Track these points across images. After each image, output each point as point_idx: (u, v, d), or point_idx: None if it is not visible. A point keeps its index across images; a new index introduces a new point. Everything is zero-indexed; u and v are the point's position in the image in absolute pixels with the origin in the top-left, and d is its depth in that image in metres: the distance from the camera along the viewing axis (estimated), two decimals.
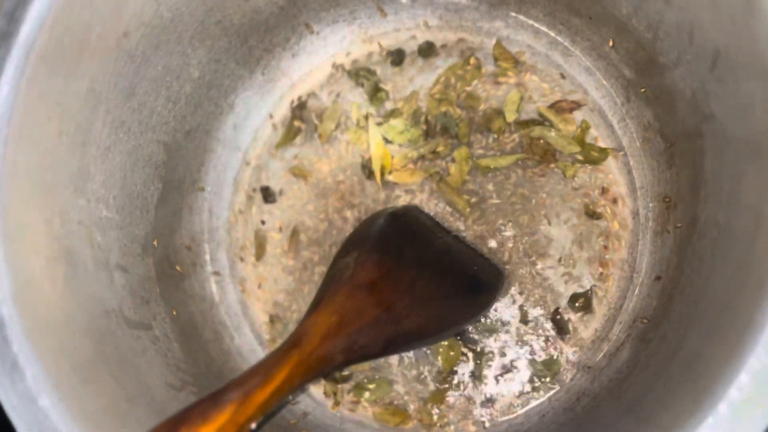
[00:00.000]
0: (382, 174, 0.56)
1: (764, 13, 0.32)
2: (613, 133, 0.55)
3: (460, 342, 0.52)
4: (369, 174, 0.56)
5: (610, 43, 0.52)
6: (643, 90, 0.51)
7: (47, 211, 0.40)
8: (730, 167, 0.39)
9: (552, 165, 0.54)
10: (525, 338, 0.52)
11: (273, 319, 0.56)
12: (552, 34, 0.56)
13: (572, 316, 0.52)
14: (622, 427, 0.42)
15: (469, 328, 0.52)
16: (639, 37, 0.48)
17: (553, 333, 0.52)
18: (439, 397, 0.52)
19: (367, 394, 0.53)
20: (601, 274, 0.53)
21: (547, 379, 0.52)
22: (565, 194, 0.54)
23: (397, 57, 0.58)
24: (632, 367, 0.48)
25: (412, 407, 0.53)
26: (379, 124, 0.57)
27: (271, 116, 0.59)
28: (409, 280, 0.46)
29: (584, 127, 0.54)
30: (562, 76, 0.56)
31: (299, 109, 0.59)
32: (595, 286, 0.53)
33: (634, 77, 0.52)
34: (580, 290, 0.53)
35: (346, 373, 0.54)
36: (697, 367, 0.36)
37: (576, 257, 0.53)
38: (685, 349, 0.40)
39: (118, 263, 0.47)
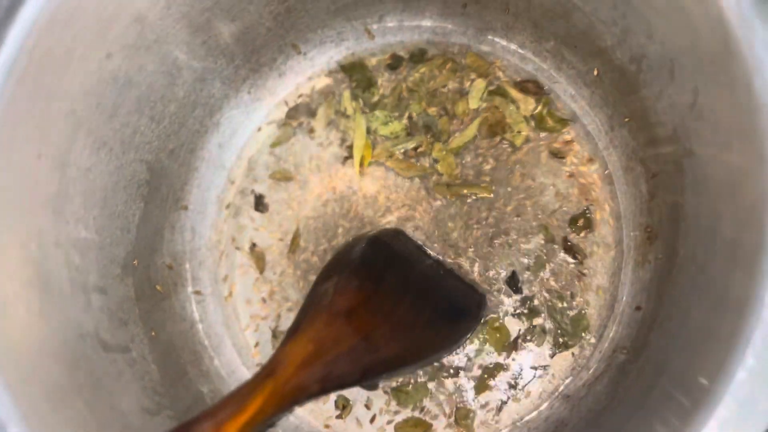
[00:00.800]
0: (362, 164, 0.56)
1: (742, 58, 0.32)
2: (598, 159, 0.55)
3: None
4: (344, 160, 0.57)
5: (596, 72, 0.52)
6: (627, 120, 0.51)
7: (23, 233, 0.40)
8: (709, 205, 0.39)
9: (497, 138, 0.55)
10: (547, 288, 0.53)
11: (276, 334, 0.56)
12: (537, 60, 0.56)
13: (579, 238, 0.54)
14: None
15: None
16: (623, 68, 0.48)
17: (572, 263, 0.53)
18: (482, 386, 0.52)
19: (403, 397, 0.53)
20: (587, 199, 0.54)
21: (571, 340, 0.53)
22: (531, 149, 0.55)
23: (394, 62, 0.58)
24: (610, 399, 0.47)
25: (447, 408, 0.53)
26: (365, 113, 0.57)
27: (259, 129, 0.59)
28: (388, 307, 0.46)
29: (545, 102, 0.55)
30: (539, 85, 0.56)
31: (293, 110, 0.59)
32: (589, 206, 0.54)
33: (618, 107, 0.52)
34: (577, 212, 0.54)
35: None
36: (673, 402, 0.36)
37: (561, 191, 0.54)
38: (662, 383, 0.40)
39: (96, 285, 0.46)
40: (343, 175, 0.57)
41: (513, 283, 0.53)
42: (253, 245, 0.57)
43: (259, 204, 0.57)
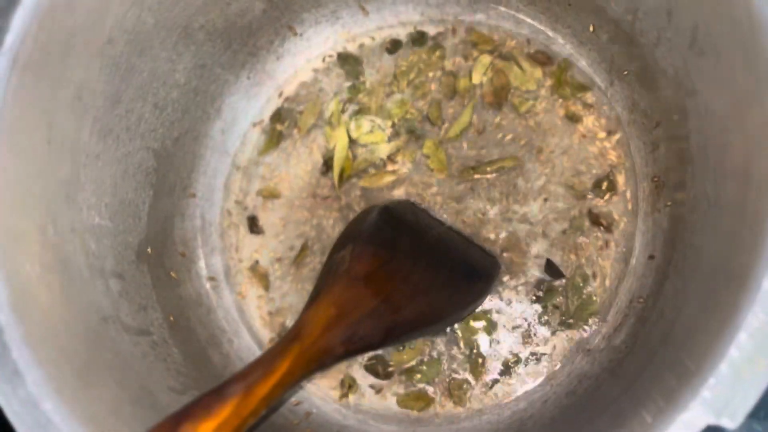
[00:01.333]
0: (341, 177, 0.56)
1: None
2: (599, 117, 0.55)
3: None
4: (326, 171, 0.57)
5: (591, 28, 0.53)
6: (626, 72, 0.52)
7: (40, 219, 0.40)
8: (716, 140, 0.40)
9: (502, 108, 0.55)
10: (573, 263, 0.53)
11: None
12: (535, 23, 0.56)
13: (602, 204, 0.53)
14: (622, 404, 0.42)
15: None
16: (618, 19, 0.49)
17: (597, 230, 0.53)
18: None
19: (418, 376, 0.53)
20: (611, 163, 0.54)
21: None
22: (544, 111, 0.55)
23: (392, 47, 0.58)
24: (631, 346, 0.48)
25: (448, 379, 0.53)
26: (353, 118, 0.57)
27: (255, 125, 0.60)
28: (405, 270, 0.46)
29: (564, 66, 0.55)
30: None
31: (278, 113, 0.59)
32: (612, 167, 0.53)
33: (616, 60, 0.52)
34: (601, 175, 0.53)
35: (390, 368, 0.54)
36: (697, 332, 0.36)
37: (581, 156, 0.54)
38: (683, 320, 0.40)
39: (113, 270, 0.46)
40: (326, 184, 0.57)
41: (552, 271, 0.53)
42: (256, 262, 0.58)
43: (254, 226, 0.58)
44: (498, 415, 0.52)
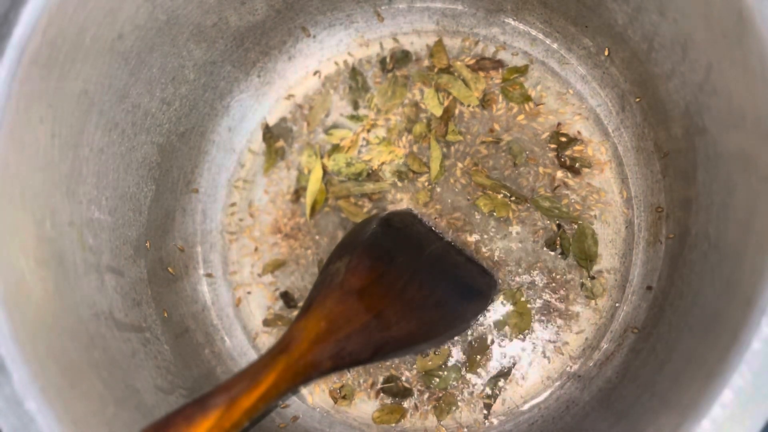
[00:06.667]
0: (314, 209, 0.56)
1: (755, 30, 0.32)
2: (608, 141, 0.55)
3: None
4: (296, 198, 0.57)
5: (606, 53, 0.52)
6: (638, 100, 0.51)
7: (38, 212, 0.40)
8: (721, 181, 0.39)
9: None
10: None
11: None
12: (548, 41, 0.56)
13: (567, 154, 0.54)
14: None
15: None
16: (634, 47, 0.48)
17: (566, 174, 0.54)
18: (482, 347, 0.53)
19: (436, 380, 0.53)
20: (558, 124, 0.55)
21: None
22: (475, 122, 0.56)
23: (382, 64, 0.58)
24: (621, 378, 0.48)
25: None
26: (330, 152, 0.58)
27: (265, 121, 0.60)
28: (400, 286, 0.46)
29: (513, 71, 0.56)
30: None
31: (270, 130, 0.59)
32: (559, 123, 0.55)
33: (629, 87, 0.52)
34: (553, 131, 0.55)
35: (407, 386, 0.54)
36: (684, 381, 0.36)
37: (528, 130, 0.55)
38: (673, 361, 0.40)
39: (110, 265, 0.47)
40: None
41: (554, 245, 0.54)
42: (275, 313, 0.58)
43: (290, 300, 0.57)
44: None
